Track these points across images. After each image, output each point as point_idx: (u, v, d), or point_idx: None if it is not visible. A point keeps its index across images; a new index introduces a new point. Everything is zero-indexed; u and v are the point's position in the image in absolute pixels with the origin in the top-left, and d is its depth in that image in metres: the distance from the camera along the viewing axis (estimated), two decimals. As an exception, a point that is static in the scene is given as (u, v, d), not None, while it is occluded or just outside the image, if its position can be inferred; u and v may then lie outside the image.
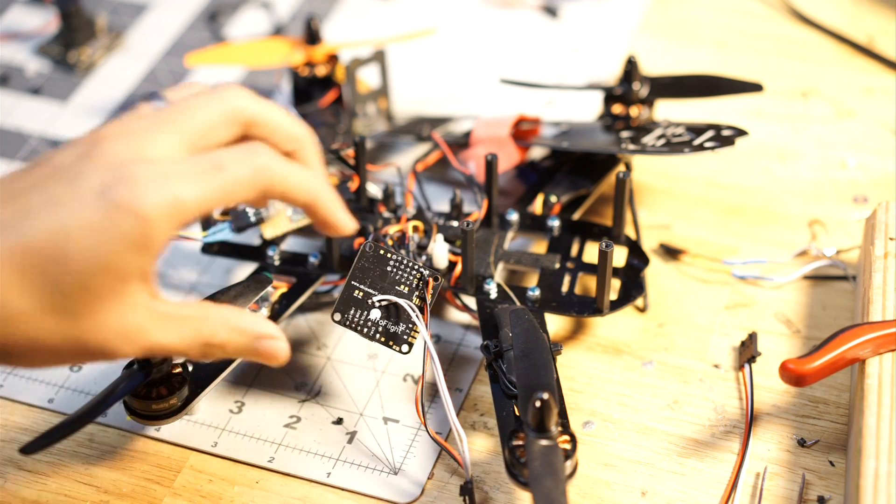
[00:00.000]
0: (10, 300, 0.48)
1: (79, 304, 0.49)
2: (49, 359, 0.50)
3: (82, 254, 0.48)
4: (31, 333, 0.49)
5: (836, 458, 0.61)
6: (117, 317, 0.49)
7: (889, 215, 0.66)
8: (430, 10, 0.93)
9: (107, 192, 0.48)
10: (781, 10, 0.91)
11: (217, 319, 0.53)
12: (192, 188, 0.49)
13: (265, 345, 0.54)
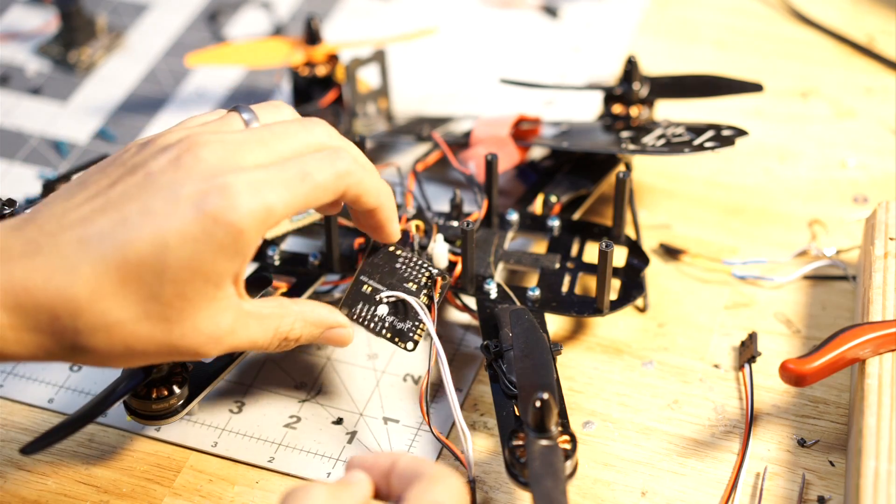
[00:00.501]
0: (109, 310, 0.50)
1: (175, 311, 0.51)
2: (136, 360, 0.52)
3: (180, 263, 0.50)
4: (128, 340, 0.51)
5: (836, 458, 0.61)
6: (210, 321, 0.52)
7: (889, 215, 0.66)
8: (430, 10, 0.93)
9: (203, 203, 0.50)
10: (781, 10, 0.91)
11: (294, 315, 0.57)
12: (282, 195, 0.52)
13: (334, 333, 0.59)
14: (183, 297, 0.51)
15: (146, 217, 0.50)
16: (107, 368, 0.54)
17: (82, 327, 0.50)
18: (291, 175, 0.52)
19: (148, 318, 0.51)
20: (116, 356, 0.52)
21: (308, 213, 0.68)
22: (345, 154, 0.55)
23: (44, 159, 0.81)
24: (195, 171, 0.51)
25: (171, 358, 0.53)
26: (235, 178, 0.51)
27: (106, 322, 0.50)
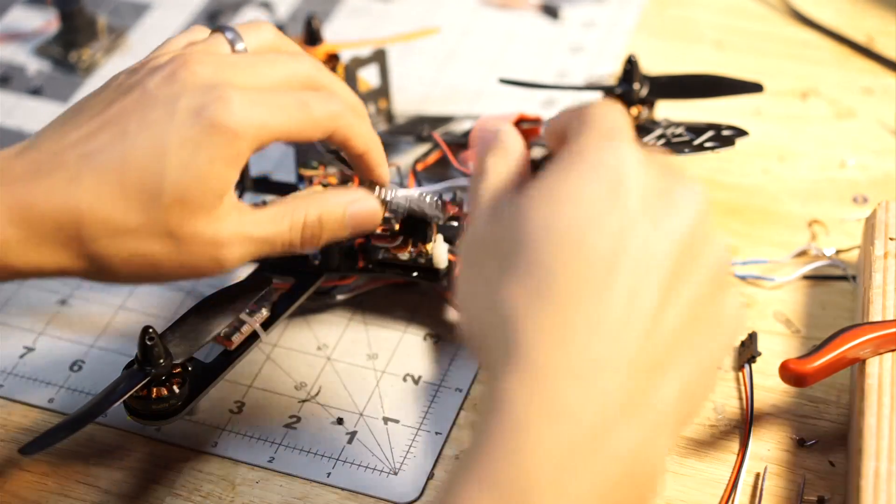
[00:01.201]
0: (111, 216, 0.51)
1: (175, 219, 0.52)
2: (148, 272, 0.53)
3: (179, 169, 0.51)
4: (132, 247, 0.52)
5: (835, 458, 0.61)
6: (212, 227, 0.53)
7: (889, 215, 0.66)
8: (430, 10, 0.93)
9: (202, 112, 0.51)
10: (781, 11, 0.91)
11: (307, 202, 0.56)
12: (279, 117, 0.53)
13: (359, 207, 0.57)
14: (183, 203, 0.52)
15: (145, 128, 0.51)
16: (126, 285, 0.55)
17: (86, 235, 0.51)
18: (289, 102, 0.54)
19: (151, 225, 0.52)
20: (127, 266, 0.52)
21: None
22: (339, 98, 0.56)
23: (44, 159, 0.81)
24: (191, 83, 0.52)
25: (184, 271, 0.54)
26: (233, 91, 0.52)
27: (109, 229, 0.51)
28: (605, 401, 0.41)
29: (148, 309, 0.70)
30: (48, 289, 0.72)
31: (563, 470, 0.40)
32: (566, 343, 0.41)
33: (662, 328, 0.42)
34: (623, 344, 0.41)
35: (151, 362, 0.58)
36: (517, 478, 0.40)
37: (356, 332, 0.69)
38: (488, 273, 0.44)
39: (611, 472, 0.41)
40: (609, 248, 0.42)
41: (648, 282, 0.42)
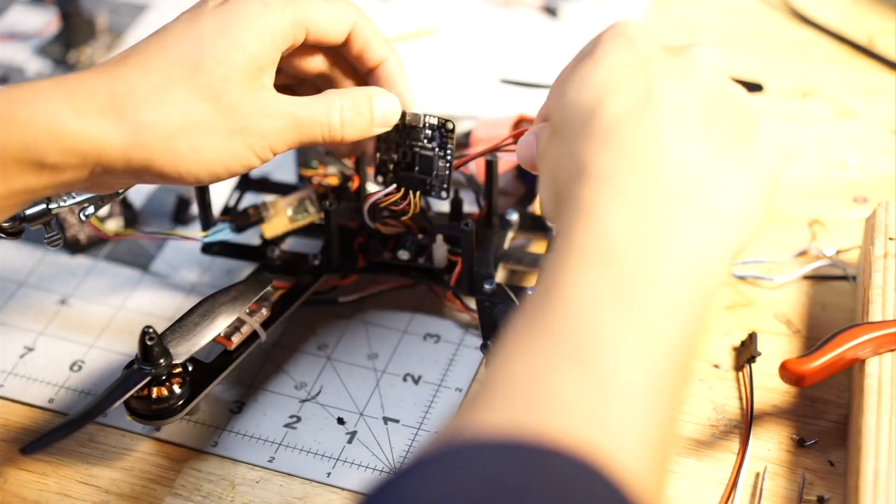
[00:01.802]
0: (160, 83, 0.54)
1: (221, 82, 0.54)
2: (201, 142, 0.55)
3: (217, 36, 0.55)
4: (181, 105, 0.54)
5: (835, 457, 0.61)
6: (255, 95, 0.56)
7: (889, 215, 0.66)
8: (430, 10, 0.93)
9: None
10: (781, 11, 0.91)
11: (337, 93, 0.59)
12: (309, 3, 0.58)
13: (379, 101, 0.61)
14: (225, 66, 0.55)
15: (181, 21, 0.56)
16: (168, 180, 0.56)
17: (139, 99, 0.53)
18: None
19: (196, 86, 0.54)
20: (176, 132, 0.54)
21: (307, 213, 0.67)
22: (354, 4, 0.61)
23: (44, 159, 0.81)
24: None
25: (229, 148, 0.55)
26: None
27: (159, 93, 0.53)
28: (671, 195, 0.46)
29: (148, 309, 0.70)
30: (48, 289, 0.72)
31: (639, 245, 0.45)
32: (631, 155, 0.47)
33: (708, 146, 0.48)
34: (679, 154, 0.47)
35: (151, 362, 0.58)
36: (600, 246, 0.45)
37: (356, 332, 0.69)
38: (553, 145, 0.51)
39: (681, 257, 0.45)
40: (640, 88, 0.49)
41: (689, 105, 0.49)
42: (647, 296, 0.43)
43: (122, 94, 0.53)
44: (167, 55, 0.54)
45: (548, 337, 0.42)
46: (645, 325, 0.43)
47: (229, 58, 0.55)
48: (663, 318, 0.43)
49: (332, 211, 0.64)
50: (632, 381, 0.41)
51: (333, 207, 0.65)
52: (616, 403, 0.40)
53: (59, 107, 0.51)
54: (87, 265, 0.73)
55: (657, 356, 0.42)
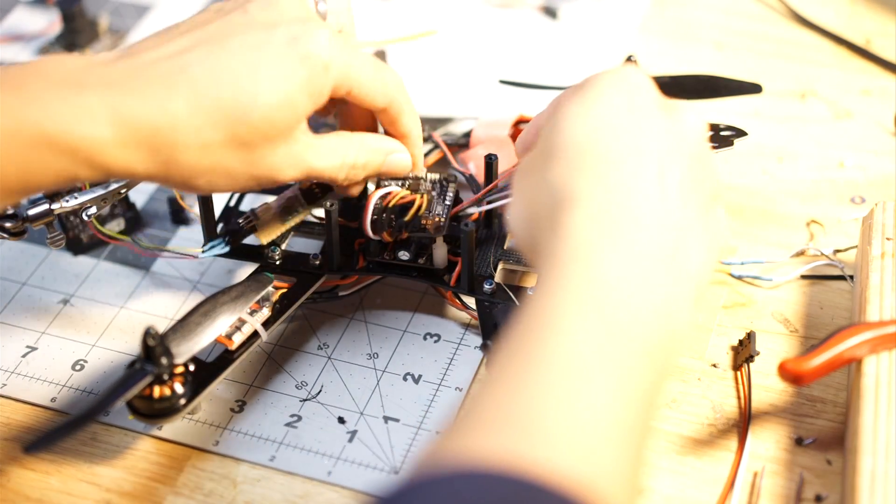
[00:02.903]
0: (204, 128, 0.54)
1: (260, 137, 0.56)
2: (220, 181, 0.57)
3: (271, 92, 0.55)
4: (215, 159, 0.55)
5: (833, 456, 0.61)
6: (287, 147, 0.57)
7: (886, 215, 0.67)
8: (431, 10, 0.93)
9: (299, 41, 0.56)
10: (780, 12, 0.92)
11: (357, 142, 0.61)
12: (360, 63, 0.59)
13: (395, 158, 0.63)
14: (269, 123, 0.55)
15: (242, 48, 0.55)
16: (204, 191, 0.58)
17: (178, 143, 0.54)
18: (366, 56, 0.60)
19: (235, 140, 0.55)
20: (205, 175, 0.56)
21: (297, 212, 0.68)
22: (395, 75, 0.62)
23: (46, 160, 0.81)
24: (288, 13, 0.57)
25: (252, 182, 0.57)
26: (325, 29, 0.57)
27: (199, 140, 0.54)
28: (651, 245, 0.48)
29: (149, 309, 0.71)
30: (51, 288, 0.72)
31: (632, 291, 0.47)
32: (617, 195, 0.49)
33: (685, 205, 0.50)
34: (657, 206, 0.49)
35: (153, 362, 0.58)
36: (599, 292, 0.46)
37: (357, 332, 0.69)
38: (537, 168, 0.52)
39: (660, 309, 0.47)
40: (636, 136, 0.50)
41: (674, 165, 0.50)
42: (632, 344, 0.46)
43: (165, 131, 0.54)
44: (218, 95, 0.54)
45: (536, 371, 0.44)
46: (628, 371, 0.45)
47: (276, 117, 0.56)
48: (644, 366, 0.46)
49: (332, 211, 0.65)
50: (614, 420, 0.43)
51: (334, 208, 0.65)
52: (600, 439, 0.42)
53: (104, 132, 0.52)
54: (89, 265, 0.74)
55: (637, 399, 0.45)
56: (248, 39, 0.56)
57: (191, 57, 0.55)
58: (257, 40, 0.56)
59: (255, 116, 0.55)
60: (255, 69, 0.55)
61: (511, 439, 0.41)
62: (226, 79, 0.54)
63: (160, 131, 0.54)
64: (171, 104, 0.54)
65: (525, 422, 0.42)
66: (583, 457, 0.41)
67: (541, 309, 0.46)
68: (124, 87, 0.54)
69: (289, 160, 0.58)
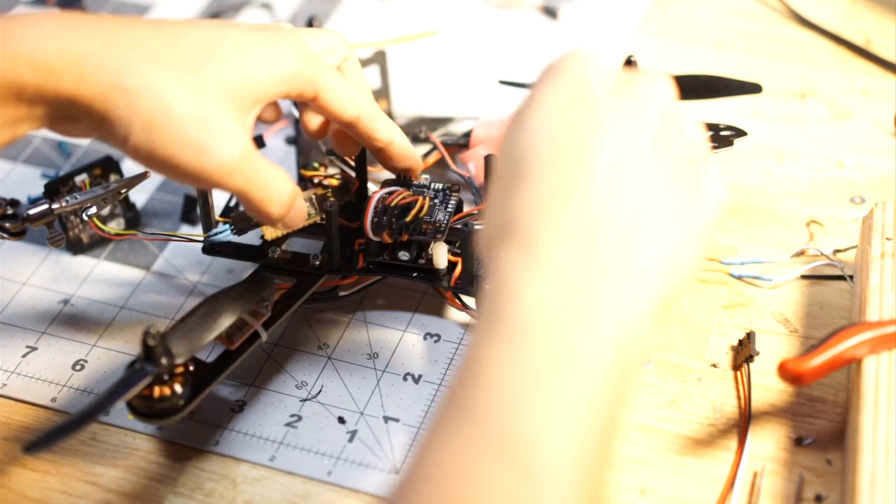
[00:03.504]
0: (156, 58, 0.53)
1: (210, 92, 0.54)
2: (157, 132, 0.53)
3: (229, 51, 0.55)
4: (162, 89, 0.53)
5: (832, 456, 0.61)
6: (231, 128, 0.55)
7: (886, 215, 0.67)
8: (431, 11, 0.93)
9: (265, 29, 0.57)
10: (780, 12, 0.92)
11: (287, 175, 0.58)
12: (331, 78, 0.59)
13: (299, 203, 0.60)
14: (222, 78, 0.54)
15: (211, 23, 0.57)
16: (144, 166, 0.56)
17: (128, 61, 0.52)
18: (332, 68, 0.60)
19: (186, 84, 0.53)
20: (146, 110, 0.53)
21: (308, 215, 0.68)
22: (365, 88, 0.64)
23: (46, 160, 0.81)
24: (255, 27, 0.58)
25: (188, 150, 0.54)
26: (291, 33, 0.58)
27: (150, 68, 0.53)
28: (594, 256, 0.44)
29: (150, 309, 0.71)
30: (51, 288, 0.72)
31: (558, 318, 0.43)
32: (555, 212, 0.45)
33: (645, 195, 0.46)
34: (609, 208, 0.45)
35: (153, 362, 0.58)
36: (519, 322, 0.43)
37: (357, 332, 0.69)
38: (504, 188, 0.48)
39: (603, 324, 0.44)
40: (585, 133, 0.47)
41: (628, 154, 0.46)
42: (568, 371, 0.42)
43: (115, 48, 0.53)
44: (177, 43, 0.54)
45: (470, 424, 0.41)
46: (568, 401, 0.42)
47: (231, 79, 0.55)
48: (586, 390, 0.42)
49: (332, 211, 0.65)
50: (558, 465, 0.40)
51: (334, 208, 0.65)
52: (544, 493, 0.40)
53: (48, 45, 0.51)
54: (89, 265, 0.74)
55: (584, 429, 0.42)
56: (218, 20, 0.58)
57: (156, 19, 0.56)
58: (226, 22, 0.58)
59: (211, 68, 0.54)
60: (219, 34, 0.56)
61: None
62: (189, 34, 0.55)
63: (110, 47, 0.52)
64: (126, 33, 0.53)
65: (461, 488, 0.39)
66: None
67: (472, 354, 0.44)
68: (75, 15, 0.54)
69: (230, 140, 0.54)
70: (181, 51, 0.54)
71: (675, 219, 0.47)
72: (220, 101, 0.54)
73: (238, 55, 0.55)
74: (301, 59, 0.58)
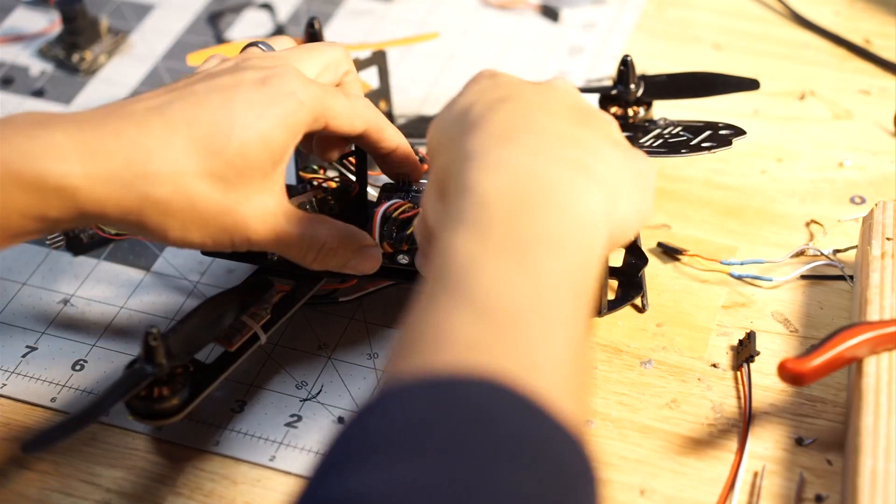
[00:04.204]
0: (177, 160, 0.54)
1: (235, 172, 0.55)
2: (194, 230, 0.56)
3: (246, 128, 0.55)
4: (191, 194, 0.54)
5: (833, 456, 0.61)
6: (261, 196, 0.57)
7: (886, 215, 0.67)
8: (431, 11, 0.93)
9: (268, 81, 0.57)
10: (779, 12, 0.92)
11: (331, 226, 0.60)
12: (332, 97, 0.59)
13: (368, 252, 0.61)
14: (244, 159, 0.55)
15: (213, 91, 0.56)
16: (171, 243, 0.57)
17: (152, 173, 0.54)
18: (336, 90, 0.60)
19: (210, 175, 0.55)
20: (177, 213, 0.55)
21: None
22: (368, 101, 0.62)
23: (46, 160, 0.81)
24: (253, 65, 0.58)
25: (224, 234, 0.56)
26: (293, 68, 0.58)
27: (173, 170, 0.54)
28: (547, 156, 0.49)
29: (150, 309, 0.71)
30: (51, 289, 0.72)
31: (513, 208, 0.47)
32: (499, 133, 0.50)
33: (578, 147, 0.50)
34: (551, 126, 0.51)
35: (153, 362, 0.58)
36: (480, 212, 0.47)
37: (357, 332, 0.69)
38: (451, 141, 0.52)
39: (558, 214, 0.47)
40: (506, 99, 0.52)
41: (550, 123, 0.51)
42: (531, 241, 0.46)
43: (138, 163, 0.53)
44: (192, 133, 0.54)
45: (445, 290, 0.45)
46: (531, 265, 0.45)
47: (252, 152, 0.55)
48: (549, 259, 0.46)
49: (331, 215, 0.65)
50: (522, 314, 0.44)
51: (335, 212, 0.65)
52: (510, 334, 0.43)
53: (72, 168, 0.52)
54: (89, 265, 0.74)
55: (548, 289, 0.45)
56: (219, 83, 0.56)
57: (163, 100, 0.55)
58: (226, 83, 0.56)
59: (231, 150, 0.55)
60: (230, 108, 0.55)
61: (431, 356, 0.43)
62: (201, 117, 0.55)
63: (132, 163, 0.53)
64: (143, 139, 0.54)
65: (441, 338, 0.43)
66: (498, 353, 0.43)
67: (442, 243, 0.47)
68: (94, 124, 0.54)
69: (261, 212, 0.57)
70: (199, 141, 0.55)
71: (616, 157, 0.51)
72: (245, 179, 0.56)
73: (253, 125, 0.55)
74: (310, 101, 0.57)
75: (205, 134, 0.55)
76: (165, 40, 0.92)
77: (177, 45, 0.91)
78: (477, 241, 0.46)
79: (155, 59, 0.90)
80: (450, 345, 0.43)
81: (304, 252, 0.59)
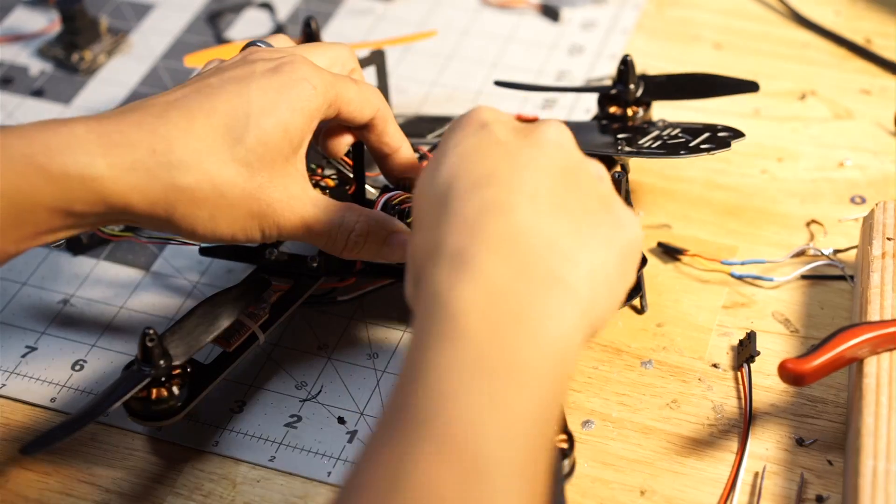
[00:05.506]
0: (199, 148, 0.54)
1: (257, 157, 0.56)
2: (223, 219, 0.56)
3: (263, 115, 0.56)
4: (216, 180, 0.55)
5: (834, 457, 0.61)
6: (285, 182, 0.57)
7: (886, 215, 0.67)
8: (430, 11, 0.93)
9: (280, 69, 0.57)
10: (780, 12, 0.92)
11: (360, 211, 0.60)
12: (342, 83, 0.59)
13: (399, 238, 0.61)
14: (264, 145, 0.56)
15: (228, 82, 0.57)
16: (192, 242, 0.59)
17: (176, 160, 0.54)
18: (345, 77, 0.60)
19: (234, 160, 0.55)
20: (204, 202, 0.55)
21: None
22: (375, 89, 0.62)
23: (45, 160, 0.81)
24: (263, 56, 0.58)
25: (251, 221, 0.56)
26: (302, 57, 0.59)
27: (197, 158, 0.54)
28: (521, 267, 0.46)
29: (149, 309, 0.71)
30: (50, 289, 0.72)
31: (490, 318, 0.45)
32: (481, 229, 0.47)
33: (565, 219, 0.48)
34: (532, 226, 0.47)
35: (151, 363, 0.58)
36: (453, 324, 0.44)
37: (357, 332, 0.69)
38: (428, 221, 0.50)
39: (533, 328, 0.45)
40: (500, 166, 0.49)
41: (542, 185, 0.49)
42: (502, 368, 0.43)
43: (161, 152, 0.54)
44: (212, 121, 0.55)
45: (407, 421, 0.42)
46: (502, 400, 0.43)
47: (271, 138, 0.56)
48: (520, 393, 0.43)
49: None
50: (489, 465, 0.41)
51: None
52: (476, 487, 0.41)
53: (95, 160, 0.52)
54: (88, 265, 0.74)
55: (517, 430, 0.43)
56: (232, 75, 0.57)
57: (179, 95, 0.56)
58: (239, 74, 0.57)
59: (251, 136, 0.55)
60: (245, 96, 0.56)
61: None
62: (218, 106, 0.55)
63: (155, 153, 0.54)
64: (164, 128, 0.54)
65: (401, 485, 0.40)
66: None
67: (409, 360, 0.45)
68: (114, 119, 0.54)
69: (287, 197, 0.57)
70: (219, 129, 0.55)
71: (598, 241, 0.49)
72: (267, 164, 0.56)
73: (269, 111, 0.56)
74: (323, 87, 0.58)
75: (223, 122, 0.55)
76: (165, 40, 0.91)
77: (176, 45, 0.91)
78: (452, 357, 0.43)
79: (154, 58, 0.90)
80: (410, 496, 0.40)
81: (335, 239, 0.60)
